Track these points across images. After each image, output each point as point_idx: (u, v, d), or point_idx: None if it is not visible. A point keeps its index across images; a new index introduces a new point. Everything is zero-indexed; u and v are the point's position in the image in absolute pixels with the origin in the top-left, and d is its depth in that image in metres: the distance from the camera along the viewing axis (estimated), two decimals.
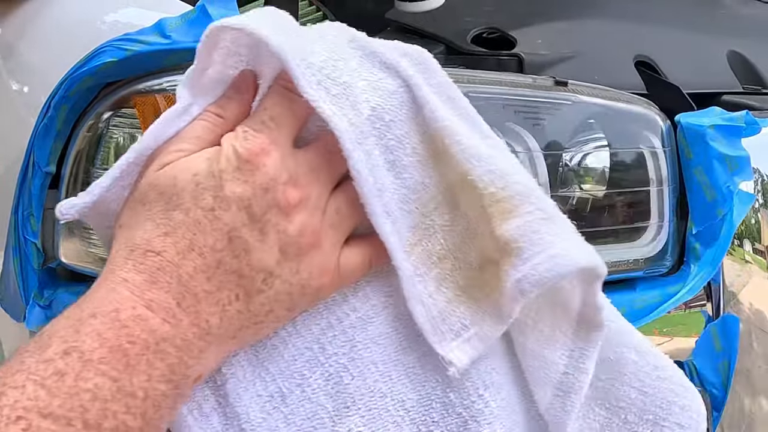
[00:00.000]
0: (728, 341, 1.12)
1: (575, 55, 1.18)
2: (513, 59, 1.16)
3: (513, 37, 1.19)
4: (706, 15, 1.49)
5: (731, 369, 1.11)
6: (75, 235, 1.00)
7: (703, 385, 1.11)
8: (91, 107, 0.99)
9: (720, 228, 1.09)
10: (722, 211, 1.09)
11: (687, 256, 1.13)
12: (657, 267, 1.11)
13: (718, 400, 1.12)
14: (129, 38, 0.95)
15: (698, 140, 1.10)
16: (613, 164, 1.07)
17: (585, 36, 1.26)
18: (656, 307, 1.07)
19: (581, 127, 1.06)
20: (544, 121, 1.03)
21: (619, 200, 1.08)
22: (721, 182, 1.09)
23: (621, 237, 1.09)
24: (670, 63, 1.24)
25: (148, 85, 0.96)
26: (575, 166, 1.05)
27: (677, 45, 1.30)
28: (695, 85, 1.22)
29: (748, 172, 1.10)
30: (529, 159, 1.01)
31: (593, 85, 1.11)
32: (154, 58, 0.94)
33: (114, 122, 0.98)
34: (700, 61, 1.30)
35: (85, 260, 1.01)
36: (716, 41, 1.35)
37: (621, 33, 1.27)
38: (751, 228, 1.18)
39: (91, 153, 0.99)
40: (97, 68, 0.94)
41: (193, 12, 0.97)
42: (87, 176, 0.99)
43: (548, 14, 1.29)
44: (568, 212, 1.04)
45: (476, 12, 1.28)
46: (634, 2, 1.40)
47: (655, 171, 1.09)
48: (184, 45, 0.94)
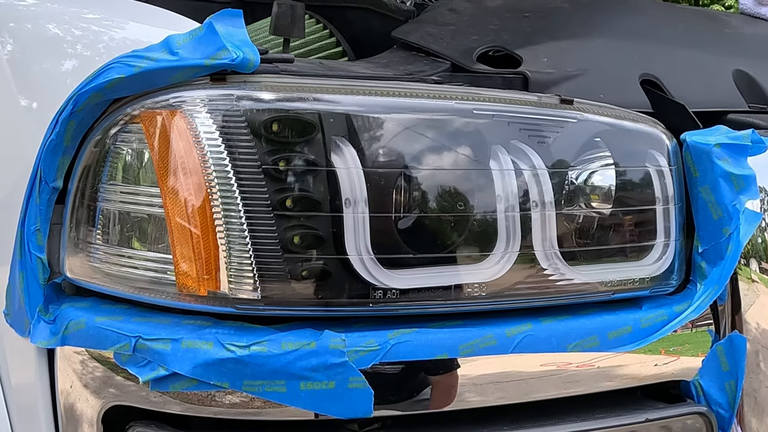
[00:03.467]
0: (735, 361, 1.11)
1: (581, 74, 1.19)
2: (518, 77, 1.17)
3: (518, 55, 1.20)
4: (712, 34, 1.49)
5: (738, 389, 1.11)
6: (80, 251, 1.01)
7: (709, 404, 1.10)
8: (99, 123, 0.99)
9: (726, 247, 1.09)
10: (728, 229, 1.09)
11: (693, 274, 1.13)
12: (663, 286, 1.10)
13: (725, 420, 1.11)
14: (137, 55, 0.95)
15: (704, 159, 1.10)
16: (619, 182, 1.07)
17: (591, 54, 1.26)
18: (662, 326, 1.07)
19: (587, 145, 1.06)
20: (550, 139, 1.03)
21: (626, 219, 1.08)
22: (728, 201, 1.09)
23: (627, 255, 1.08)
24: (676, 81, 1.24)
25: (156, 101, 0.96)
26: (581, 184, 1.05)
27: (683, 64, 1.30)
28: (701, 104, 1.22)
29: (755, 190, 1.10)
30: (534, 177, 1.01)
31: (599, 104, 1.11)
32: (161, 75, 0.95)
33: (121, 138, 0.98)
34: (706, 79, 1.30)
35: (91, 276, 1.01)
36: (722, 60, 1.35)
37: (627, 52, 1.28)
38: (758, 247, 1.18)
39: (99, 168, 0.99)
40: (105, 84, 0.95)
41: (200, 29, 0.98)
42: (94, 191, 0.99)
43: (554, 33, 1.29)
44: (574, 230, 1.04)
45: (482, 30, 1.29)
46: (640, 21, 1.41)
47: (661, 189, 1.09)
48: (191, 62, 0.95)
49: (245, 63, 0.95)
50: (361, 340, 0.94)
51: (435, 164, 0.98)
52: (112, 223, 0.99)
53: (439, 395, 0.99)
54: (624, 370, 1.07)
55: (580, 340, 1.02)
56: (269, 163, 0.92)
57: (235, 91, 0.94)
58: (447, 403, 0.99)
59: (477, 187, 0.99)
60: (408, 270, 0.96)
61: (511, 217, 1.00)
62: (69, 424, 1.01)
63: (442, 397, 0.99)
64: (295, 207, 0.93)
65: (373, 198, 0.94)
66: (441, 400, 0.99)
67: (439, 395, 0.99)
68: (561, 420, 1.03)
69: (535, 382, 1.03)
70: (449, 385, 0.99)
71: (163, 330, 0.94)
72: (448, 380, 0.99)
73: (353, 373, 0.92)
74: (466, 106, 1.01)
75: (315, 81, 0.99)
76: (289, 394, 0.92)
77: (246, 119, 0.93)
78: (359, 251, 0.94)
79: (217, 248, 0.93)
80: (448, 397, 0.99)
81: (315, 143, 0.94)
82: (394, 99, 0.99)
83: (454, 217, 0.98)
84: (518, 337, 0.99)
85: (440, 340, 0.96)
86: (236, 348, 0.92)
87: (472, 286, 0.98)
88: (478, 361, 0.99)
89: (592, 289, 1.05)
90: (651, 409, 1.08)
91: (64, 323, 0.98)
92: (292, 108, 0.94)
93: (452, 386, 0.99)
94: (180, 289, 0.95)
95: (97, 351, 0.97)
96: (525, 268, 1.01)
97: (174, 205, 0.94)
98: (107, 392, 0.97)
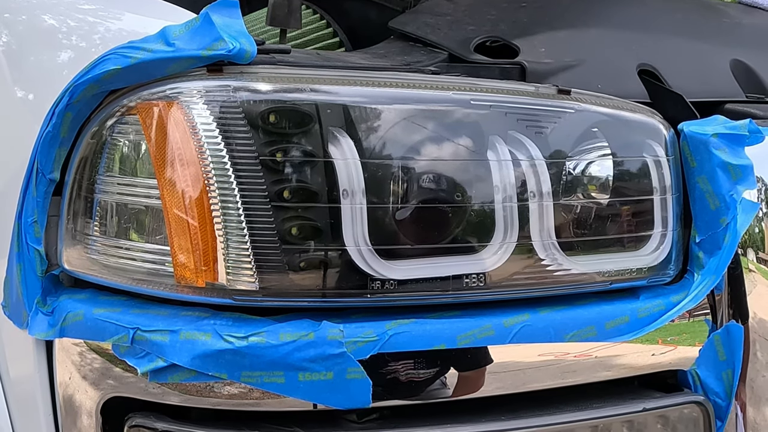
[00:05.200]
0: (732, 350, 1.11)
1: (578, 64, 1.18)
2: (516, 68, 1.16)
3: (516, 45, 1.20)
4: (710, 24, 1.49)
5: (735, 378, 1.11)
6: (78, 242, 1.00)
7: (706, 394, 1.11)
8: (95, 114, 0.99)
9: (723, 236, 1.09)
10: (725, 219, 1.09)
11: (690, 264, 1.13)
12: (660, 276, 1.11)
13: (722, 409, 1.11)
14: (133, 46, 0.95)
15: (701, 149, 1.10)
16: (617, 173, 1.07)
17: (588, 45, 1.26)
18: (659, 316, 1.07)
19: (584, 136, 1.06)
20: (547, 130, 1.03)
21: (623, 209, 1.08)
22: (725, 191, 1.09)
23: (625, 246, 1.08)
24: (674, 72, 1.24)
25: (153, 92, 0.96)
26: (579, 174, 1.05)
27: (680, 54, 1.30)
28: (698, 94, 1.22)
29: (752, 180, 1.10)
30: (531, 167, 1.01)
31: (596, 94, 1.11)
32: (158, 66, 0.95)
33: (118, 129, 0.98)
34: (704, 69, 1.30)
35: (88, 267, 1.01)
36: (719, 50, 1.35)
37: (624, 42, 1.28)
38: (755, 237, 1.18)
39: (96, 160, 0.99)
40: (102, 76, 0.95)
41: (196, 20, 0.97)
42: (91, 183, 0.99)
43: (551, 23, 1.29)
44: (571, 221, 1.04)
45: (479, 20, 1.28)
46: (638, 11, 1.40)
47: (658, 179, 1.09)
48: (188, 53, 0.95)
49: (242, 54, 0.94)
50: (359, 330, 0.94)
51: (432, 155, 0.97)
52: (109, 214, 0.99)
53: (439, 385, 0.99)
54: (621, 360, 1.07)
55: (578, 330, 1.02)
56: (266, 154, 0.92)
57: (231, 82, 0.94)
58: (445, 394, 0.99)
59: (475, 177, 0.99)
60: (406, 261, 0.96)
61: (509, 208, 1.00)
62: (68, 416, 1.01)
63: (441, 388, 0.99)
64: (293, 198, 0.93)
65: (370, 189, 0.94)
66: (440, 391, 0.99)
67: (439, 385, 0.99)
68: (559, 410, 1.04)
69: (532, 372, 1.03)
70: (449, 375, 0.99)
71: (161, 321, 0.94)
72: (449, 371, 0.99)
73: (351, 364, 0.92)
74: (463, 96, 1.01)
75: (312, 72, 0.99)
76: (287, 385, 0.92)
77: (243, 110, 0.93)
78: (357, 242, 0.94)
79: (214, 239, 0.93)
80: (448, 389, 0.99)
81: (312, 134, 0.93)
82: (392, 90, 0.99)
83: (451, 207, 0.98)
84: (516, 328, 0.99)
85: (438, 330, 0.97)
86: (234, 339, 0.92)
87: (470, 276, 0.98)
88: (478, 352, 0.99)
89: (590, 279, 1.05)
90: (648, 399, 1.08)
91: (62, 315, 0.98)
92: (289, 99, 0.94)
93: (453, 376, 0.99)
94: (178, 280, 0.95)
95: (95, 342, 0.97)
96: (522, 259, 1.01)
97: (171, 196, 0.94)
98: (106, 384, 0.97)
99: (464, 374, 1.00)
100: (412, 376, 0.98)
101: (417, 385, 0.98)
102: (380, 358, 0.94)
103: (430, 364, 0.98)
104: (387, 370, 0.96)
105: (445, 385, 0.99)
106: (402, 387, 0.98)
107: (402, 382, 0.97)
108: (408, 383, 0.98)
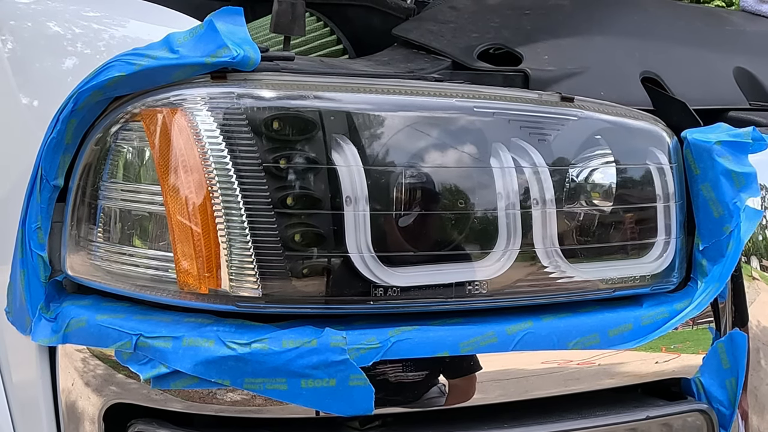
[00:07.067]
0: (736, 358, 1.11)
1: (581, 71, 1.18)
2: (519, 75, 1.16)
3: (519, 53, 1.20)
4: (713, 31, 1.49)
5: (739, 386, 1.11)
6: (81, 249, 1.01)
7: (710, 402, 1.10)
8: (99, 121, 0.99)
9: (727, 244, 1.09)
10: (729, 227, 1.09)
11: (694, 272, 1.13)
12: (664, 283, 1.10)
13: (726, 417, 1.11)
14: (137, 53, 0.96)
15: (705, 156, 1.10)
16: (620, 180, 1.07)
17: (591, 52, 1.26)
18: (663, 324, 1.07)
19: (588, 143, 1.06)
20: (550, 137, 1.03)
21: (626, 216, 1.08)
22: (728, 198, 1.09)
23: (628, 253, 1.08)
24: (677, 79, 1.24)
25: (157, 99, 0.96)
26: (582, 181, 1.05)
27: (684, 61, 1.30)
28: (702, 101, 1.22)
29: (755, 188, 1.10)
30: (534, 174, 1.01)
31: (600, 101, 1.11)
32: (162, 73, 0.95)
33: (122, 136, 0.98)
34: (707, 77, 1.30)
35: (92, 273, 1.01)
36: (723, 58, 1.35)
37: (627, 49, 1.28)
38: (759, 245, 1.17)
39: (99, 166, 0.99)
40: (106, 82, 0.95)
41: (201, 27, 0.98)
42: (95, 190, 0.99)
43: (555, 30, 1.29)
44: (575, 228, 1.04)
45: (482, 28, 1.29)
46: (641, 18, 1.40)
47: (662, 187, 1.09)
48: (192, 60, 0.95)
49: (246, 61, 0.95)
50: (362, 337, 0.94)
51: (436, 162, 0.98)
52: (113, 221, 0.99)
53: (442, 393, 0.99)
54: (625, 368, 1.07)
55: (581, 338, 1.02)
56: (270, 161, 0.92)
57: (235, 89, 0.94)
58: (449, 402, 0.99)
59: (478, 184, 0.99)
60: (409, 267, 0.96)
61: (512, 215, 1.00)
62: (70, 422, 1.01)
63: (444, 395, 0.99)
64: (296, 205, 0.93)
65: (373, 196, 0.94)
66: (442, 398, 0.99)
67: (442, 393, 0.99)
68: (562, 417, 1.03)
69: (535, 379, 1.03)
70: (452, 383, 0.99)
71: (164, 328, 0.94)
72: (451, 378, 0.99)
73: (354, 371, 0.92)
74: (466, 103, 1.01)
75: (315, 79, 0.99)
76: (290, 392, 0.92)
77: (247, 117, 0.93)
78: (360, 249, 0.94)
79: (218, 246, 0.93)
80: (451, 396, 0.99)
81: (316, 141, 0.94)
82: (395, 97, 0.99)
83: (454, 214, 0.98)
84: (519, 335, 0.99)
85: (441, 337, 0.96)
86: (237, 346, 0.92)
87: (473, 283, 0.98)
88: (479, 359, 0.99)
89: (593, 286, 1.05)
90: (652, 407, 1.08)
91: (65, 321, 0.98)
92: (292, 106, 0.94)
93: (455, 384, 0.99)
94: (181, 287, 0.95)
95: (98, 349, 0.97)
96: (526, 266, 1.01)
97: (175, 203, 0.94)
98: (108, 390, 0.97)
99: (466, 381, 0.99)
100: (415, 383, 0.98)
101: (419, 392, 0.98)
102: (383, 365, 0.94)
103: (433, 371, 0.98)
104: (390, 377, 0.96)
105: (447, 392, 0.99)
106: (405, 394, 0.97)
107: (405, 389, 0.97)
108: (411, 390, 0.97)
